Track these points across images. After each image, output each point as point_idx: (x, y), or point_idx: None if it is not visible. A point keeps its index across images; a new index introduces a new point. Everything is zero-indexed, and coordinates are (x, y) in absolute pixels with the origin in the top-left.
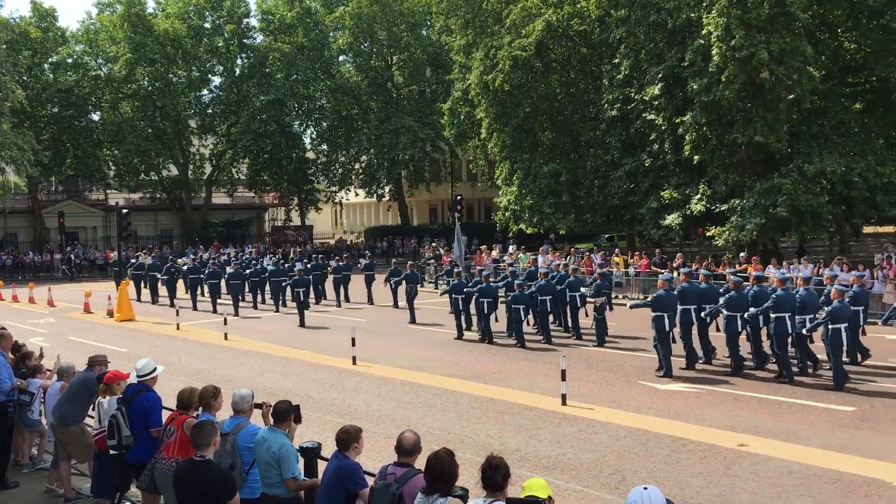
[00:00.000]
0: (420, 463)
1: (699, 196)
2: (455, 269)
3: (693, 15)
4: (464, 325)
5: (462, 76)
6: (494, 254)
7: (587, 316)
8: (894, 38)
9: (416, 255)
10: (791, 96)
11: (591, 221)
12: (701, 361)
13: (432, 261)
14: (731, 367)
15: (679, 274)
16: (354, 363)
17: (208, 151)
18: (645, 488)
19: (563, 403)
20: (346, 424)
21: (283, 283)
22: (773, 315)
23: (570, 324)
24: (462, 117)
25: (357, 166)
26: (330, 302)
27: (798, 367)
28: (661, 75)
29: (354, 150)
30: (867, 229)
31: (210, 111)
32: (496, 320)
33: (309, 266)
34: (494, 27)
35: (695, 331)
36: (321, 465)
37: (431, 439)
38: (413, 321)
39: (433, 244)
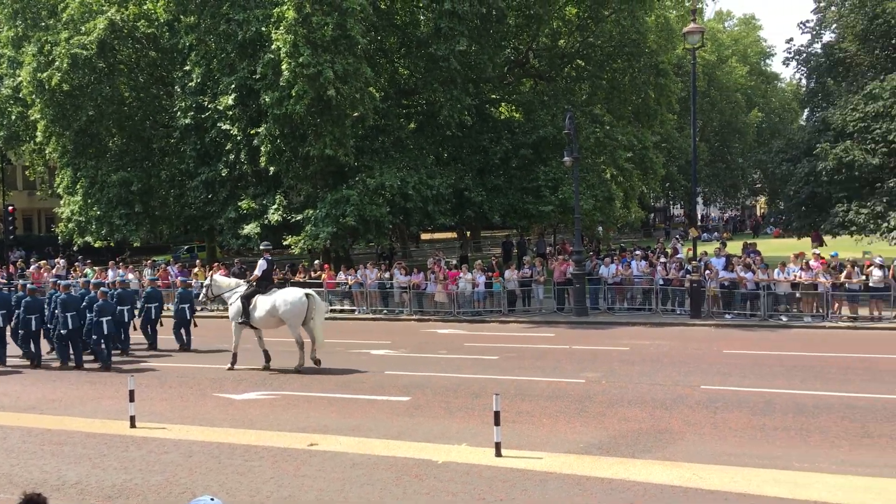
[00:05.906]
0: None
1: (276, 206)
2: None
3: (263, 29)
4: None
5: (12, 72)
6: (56, 270)
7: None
8: (439, 66)
9: None
10: (356, 113)
11: (169, 233)
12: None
13: None
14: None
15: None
16: None
17: None
18: None
19: (133, 426)
20: None
21: None
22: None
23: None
24: (14, 118)
25: None
26: None
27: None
28: (234, 86)
29: None
30: (425, 236)
31: None
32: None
33: None
34: (49, 21)
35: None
36: None
37: None
38: None
39: None
